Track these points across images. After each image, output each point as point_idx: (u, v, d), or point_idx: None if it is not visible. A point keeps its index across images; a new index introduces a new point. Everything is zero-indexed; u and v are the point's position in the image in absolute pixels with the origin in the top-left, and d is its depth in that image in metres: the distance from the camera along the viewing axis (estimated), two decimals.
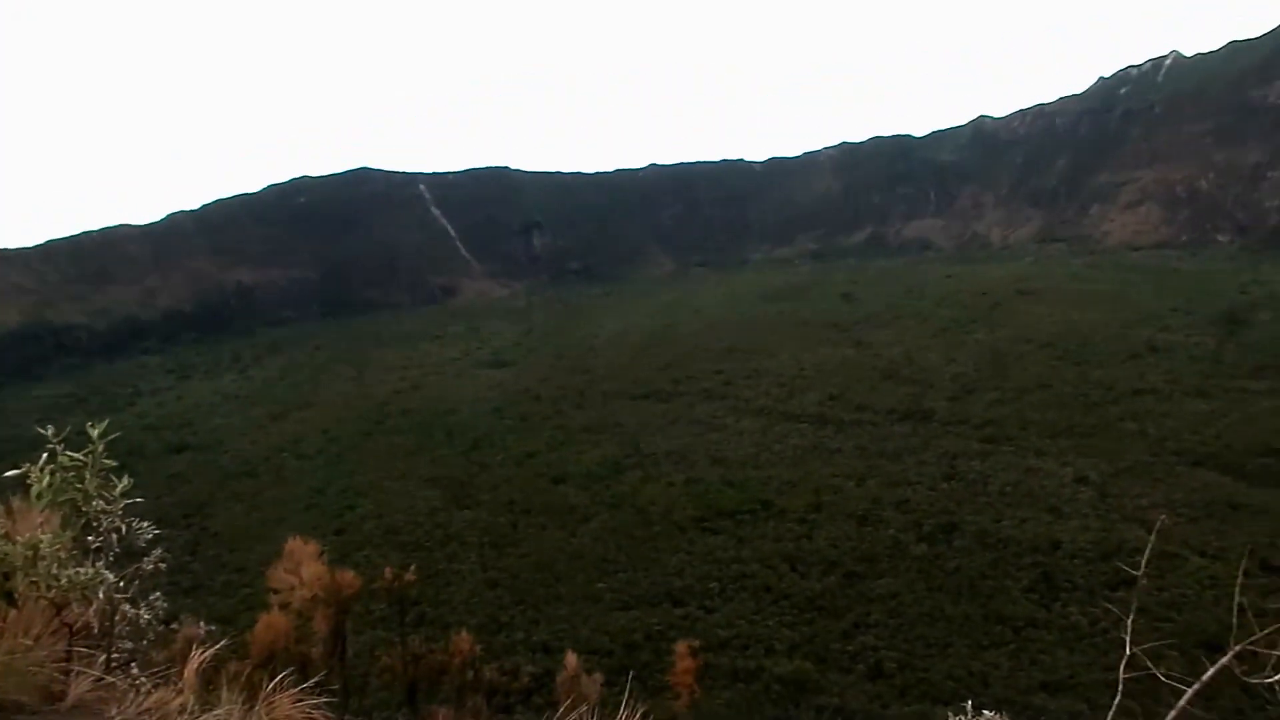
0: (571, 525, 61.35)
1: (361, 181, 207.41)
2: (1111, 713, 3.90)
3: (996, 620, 45.09)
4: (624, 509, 62.99)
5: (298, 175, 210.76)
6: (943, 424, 73.57)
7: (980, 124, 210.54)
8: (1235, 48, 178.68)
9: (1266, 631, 3.53)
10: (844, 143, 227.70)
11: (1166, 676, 3.85)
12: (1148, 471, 61.40)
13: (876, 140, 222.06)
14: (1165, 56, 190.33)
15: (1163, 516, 45.31)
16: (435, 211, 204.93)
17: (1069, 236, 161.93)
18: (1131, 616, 4.32)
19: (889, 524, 56.57)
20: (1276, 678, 3.59)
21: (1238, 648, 3.60)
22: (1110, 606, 39.45)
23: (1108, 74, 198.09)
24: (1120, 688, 3.87)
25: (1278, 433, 64.76)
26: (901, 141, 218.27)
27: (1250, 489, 57.02)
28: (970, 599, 47.24)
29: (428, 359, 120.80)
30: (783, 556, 53.61)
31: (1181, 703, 3.65)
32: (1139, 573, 5.01)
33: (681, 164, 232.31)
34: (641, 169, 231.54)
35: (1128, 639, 4.12)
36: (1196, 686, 3.65)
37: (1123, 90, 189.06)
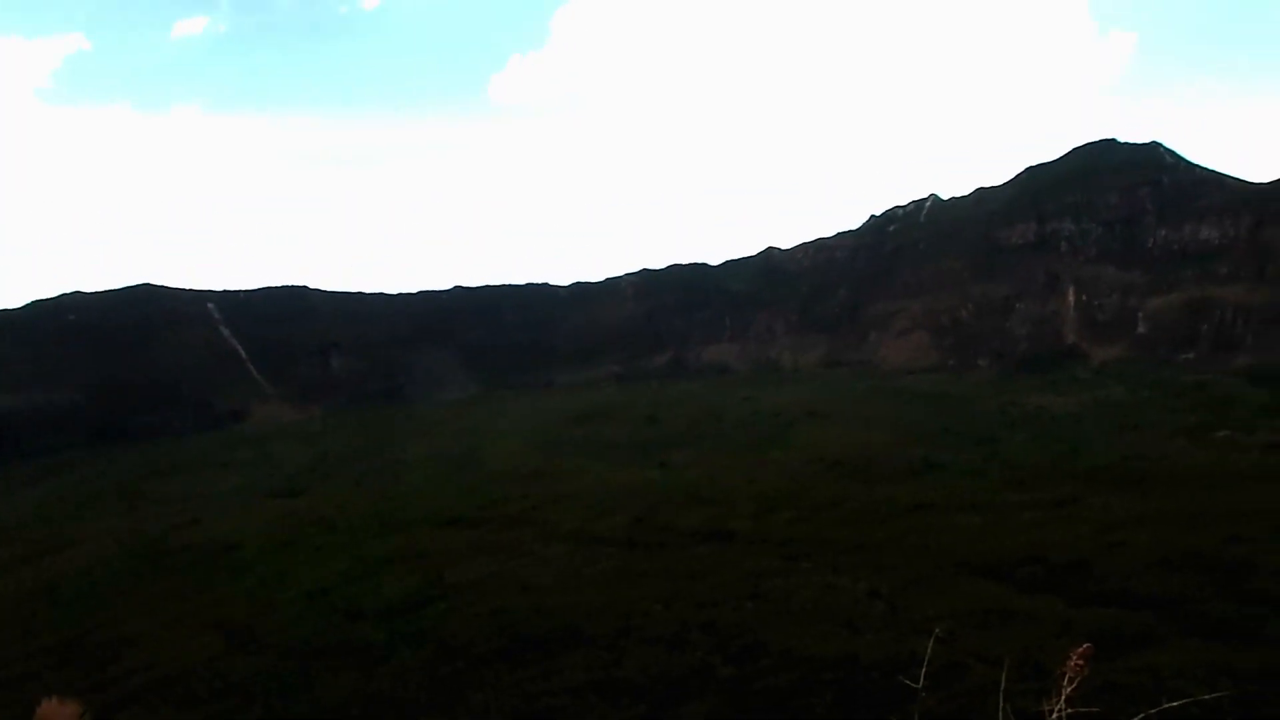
0: (369, 666, 57.66)
1: (143, 299, 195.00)
2: None
3: None
4: (427, 644, 59.99)
5: (69, 290, 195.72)
6: (746, 543, 75.49)
7: (769, 254, 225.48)
8: (982, 193, 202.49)
9: None
10: (644, 269, 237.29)
11: None
12: (932, 583, 65.09)
13: (675, 267, 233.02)
14: (926, 199, 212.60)
15: (938, 631, 47.89)
16: (224, 331, 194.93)
17: (852, 361, 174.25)
18: None
19: (697, 646, 56.70)
20: None
21: None
22: None
23: (878, 212, 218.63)
24: None
25: (1037, 543, 70.88)
26: (698, 269, 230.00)
27: (1019, 595, 61.55)
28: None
29: (211, 488, 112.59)
30: (591, 686, 52.40)
31: None
32: (919, 685, 5.35)
33: (486, 286, 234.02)
34: (445, 290, 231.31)
35: None
36: None
37: (891, 228, 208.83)
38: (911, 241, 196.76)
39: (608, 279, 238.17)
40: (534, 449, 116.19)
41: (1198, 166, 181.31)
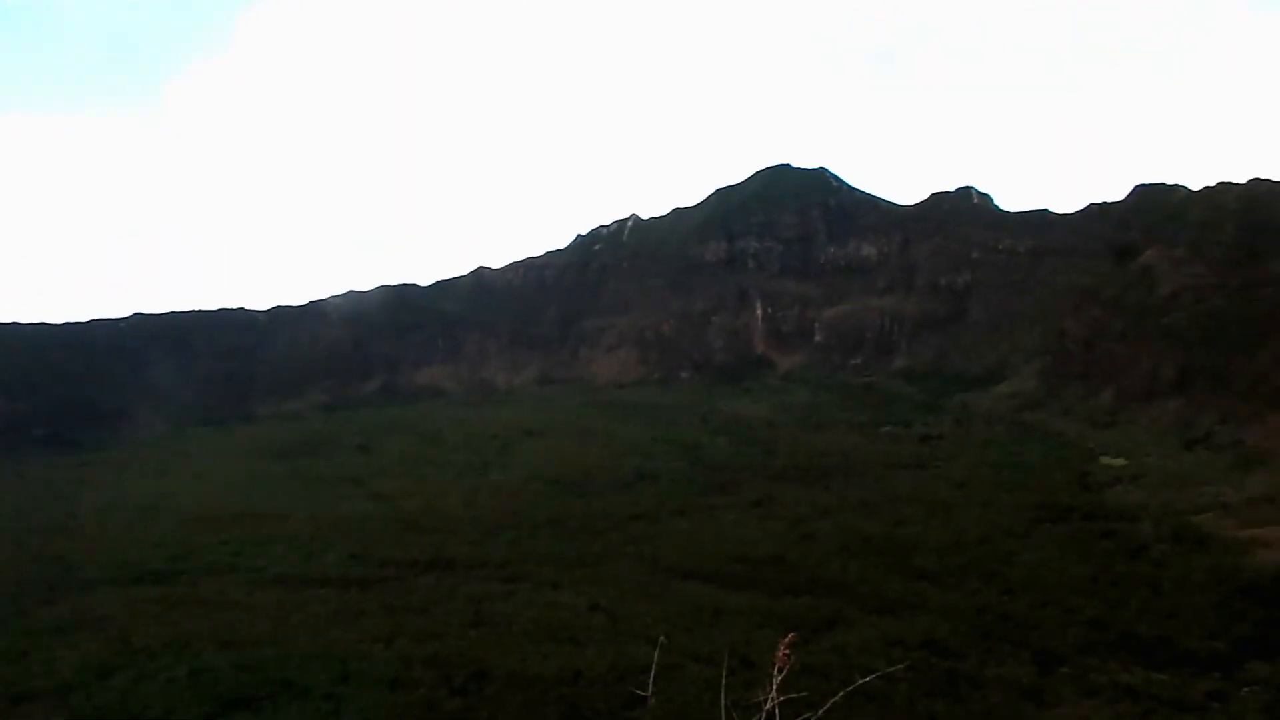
0: None
1: None
2: None
3: None
4: None
5: None
6: (466, 569, 74.73)
7: (480, 274, 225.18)
8: (679, 213, 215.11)
9: None
10: (350, 291, 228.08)
11: None
12: (648, 590, 68.15)
13: (383, 289, 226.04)
14: (627, 219, 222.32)
15: (662, 639, 50.54)
16: None
17: (565, 378, 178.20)
18: None
19: (421, 683, 55.33)
20: None
21: None
22: None
23: (584, 232, 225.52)
24: None
25: (741, 542, 76.57)
26: (407, 290, 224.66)
27: (727, 593, 66.08)
28: None
29: None
30: None
31: None
32: (648, 692, 5.93)
33: (172, 313, 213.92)
34: (124, 319, 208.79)
35: None
36: None
37: (596, 246, 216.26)
38: (616, 260, 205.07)
39: (311, 302, 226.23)
40: (233, 490, 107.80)
41: (857, 190, 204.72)
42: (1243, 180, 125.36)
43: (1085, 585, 63.33)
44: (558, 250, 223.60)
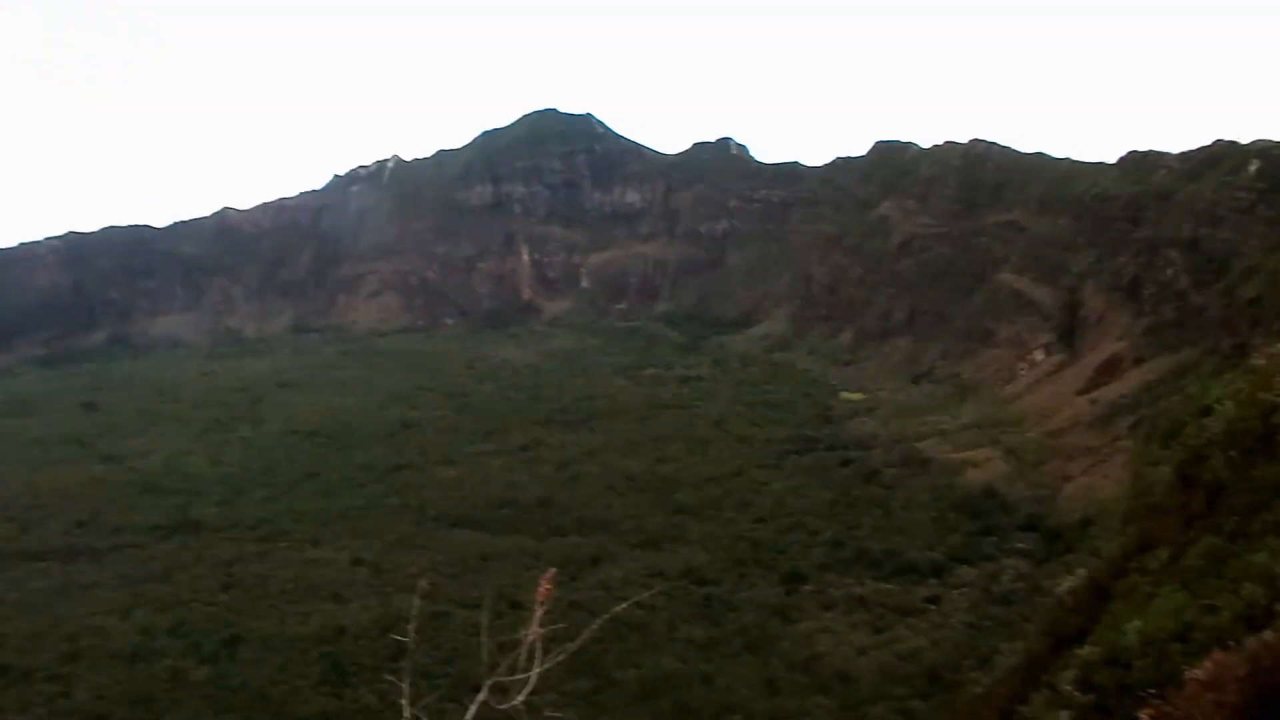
0: None
1: None
2: None
3: None
4: None
5: None
6: (214, 531, 70.08)
7: (224, 216, 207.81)
8: (443, 155, 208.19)
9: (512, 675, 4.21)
10: (71, 233, 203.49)
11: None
12: (414, 541, 66.91)
13: (110, 230, 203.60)
14: (388, 160, 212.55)
15: (423, 581, 49.68)
16: None
17: (321, 326, 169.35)
18: (408, 680, 4.87)
19: (164, 654, 51.60)
20: (519, 700, 4.33)
21: (490, 682, 4.29)
22: (391, 678, 41.86)
23: (341, 172, 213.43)
24: None
25: (509, 486, 76.71)
26: (140, 232, 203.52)
27: (495, 538, 66.15)
28: (263, 710, 45.66)
29: None
30: None
31: None
32: (409, 638, 5.65)
33: None
34: None
35: (405, 703, 4.60)
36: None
37: (355, 188, 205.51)
38: (376, 202, 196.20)
39: (22, 244, 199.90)
40: None
41: (622, 137, 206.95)
42: (965, 140, 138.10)
43: (827, 509, 68.84)
44: (312, 191, 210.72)
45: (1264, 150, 75.38)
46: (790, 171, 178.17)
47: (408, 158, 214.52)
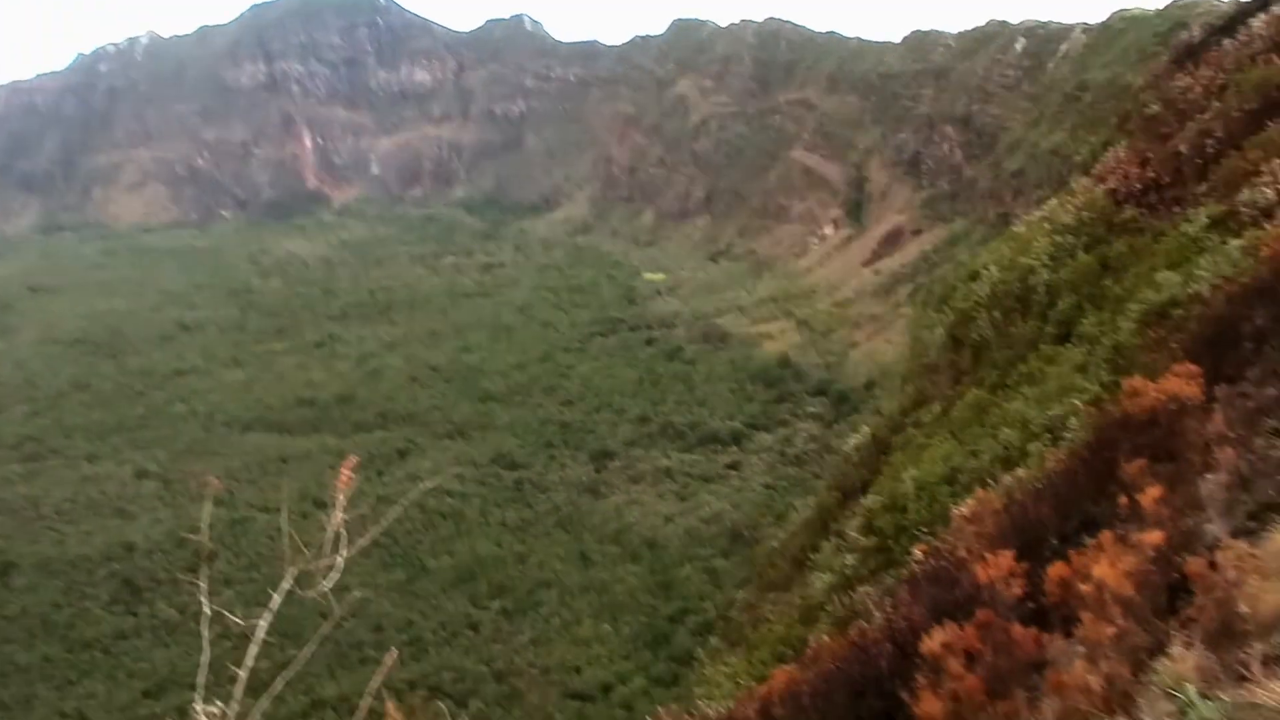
0: None
1: None
2: (202, 677, 4.09)
3: (83, 648, 41.85)
4: None
5: None
6: None
7: None
8: (206, 31, 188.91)
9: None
10: None
11: (244, 619, 4.24)
12: (205, 447, 63.35)
13: None
14: (141, 36, 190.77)
15: (213, 479, 47.24)
16: None
17: (75, 224, 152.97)
18: (206, 588, 4.68)
19: None
20: (326, 586, 4.22)
21: (294, 570, 4.14)
22: (191, 581, 40.04)
23: (86, 51, 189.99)
24: (206, 651, 4.26)
25: (305, 385, 73.53)
26: None
27: (293, 439, 63.65)
28: (47, 637, 42.74)
29: None
30: None
31: (259, 635, 4.18)
32: (202, 538, 5.23)
33: None
34: None
35: (204, 599, 4.62)
36: (266, 619, 4.18)
37: (104, 68, 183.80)
38: (130, 83, 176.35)
39: None
40: None
41: (407, 11, 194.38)
42: (760, 18, 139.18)
43: (632, 388, 70.50)
44: (52, 73, 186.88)
45: (1030, 29, 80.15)
46: (588, 50, 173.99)
47: (165, 35, 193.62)
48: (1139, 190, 25.74)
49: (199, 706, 4.11)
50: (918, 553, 16.79)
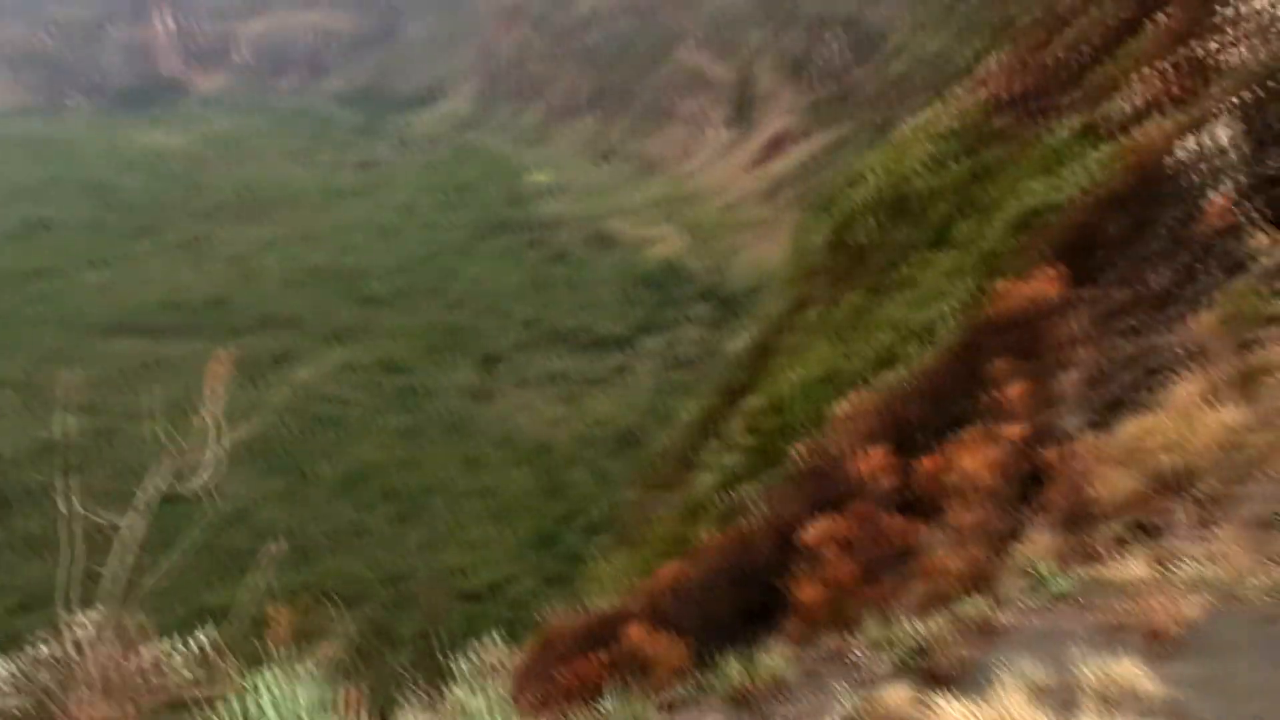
0: None
1: None
2: (62, 583, 4.12)
3: None
4: None
5: None
6: None
7: None
8: None
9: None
10: None
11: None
12: (65, 355, 59.87)
13: None
14: None
15: (73, 383, 45.03)
16: None
17: None
18: (63, 489, 4.62)
19: None
20: (201, 481, 4.24)
21: (167, 468, 4.17)
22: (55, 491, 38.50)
23: None
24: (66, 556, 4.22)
25: (173, 288, 70.03)
26: None
27: (162, 344, 60.91)
28: None
29: None
30: None
31: (127, 538, 4.33)
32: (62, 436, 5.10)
33: None
34: None
35: (60, 502, 4.53)
36: (135, 519, 4.27)
37: None
38: None
39: None
40: None
41: None
42: None
43: (519, 291, 69.83)
44: None
45: None
46: None
47: None
48: (1012, 98, 26.55)
49: (65, 616, 4.02)
50: (798, 450, 17.53)
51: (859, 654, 4.19)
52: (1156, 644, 2.80)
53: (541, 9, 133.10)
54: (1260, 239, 7.81)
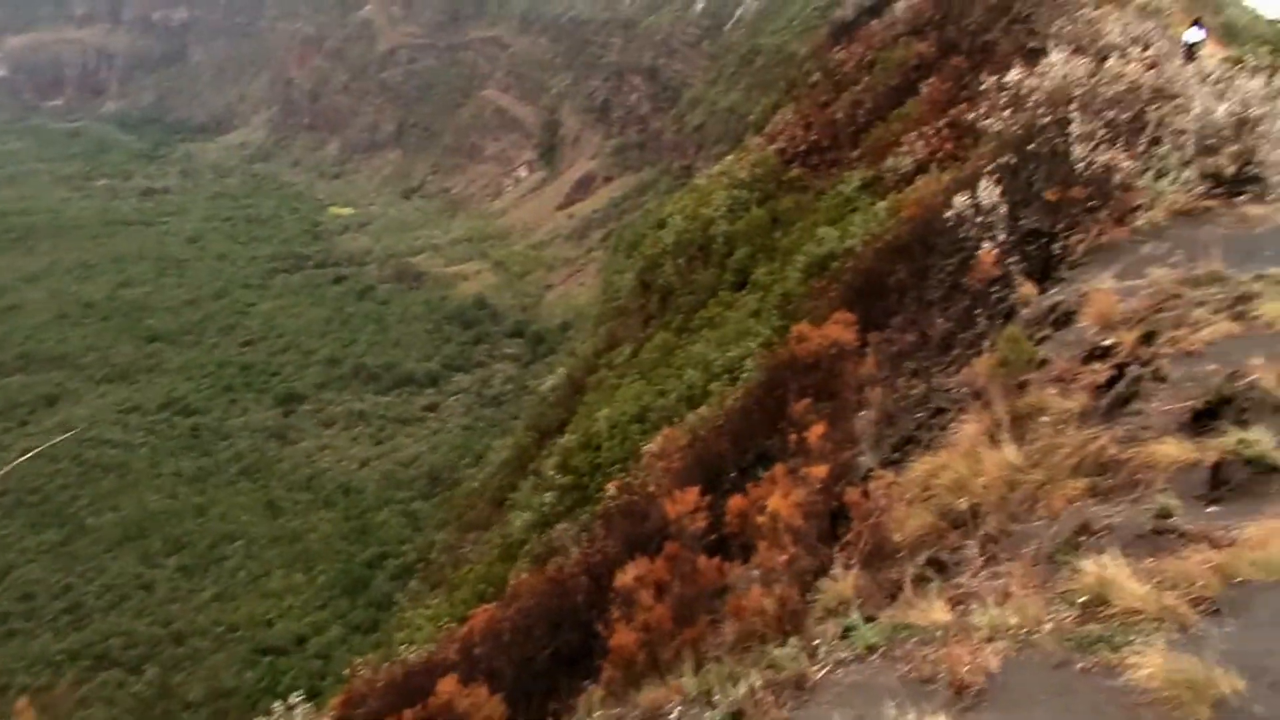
0: None
1: None
2: None
3: None
4: None
5: None
6: None
7: None
8: None
9: None
10: None
11: None
12: None
13: None
14: None
15: None
16: None
17: None
18: None
19: None
20: None
21: None
22: None
23: None
24: None
25: None
26: None
27: None
28: None
29: None
30: None
31: None
32: None
33: None
34: None
35: None
36: None
37: None
38: None
39: None
40: None
41: None
42: None
43: (321, 327, 66.98)
44: None
45: None
46: None
47: None
48: (803, 151, 28.34)
49: None
50: (611, 489, 17.69)
51: (675, 715, 4.21)
52: (961, 696, 3.01)
53: (339, 42, 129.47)
54: (1027, 288, 8.68)
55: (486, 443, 48.58)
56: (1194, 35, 14.76)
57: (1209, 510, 3.96)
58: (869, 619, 3.65)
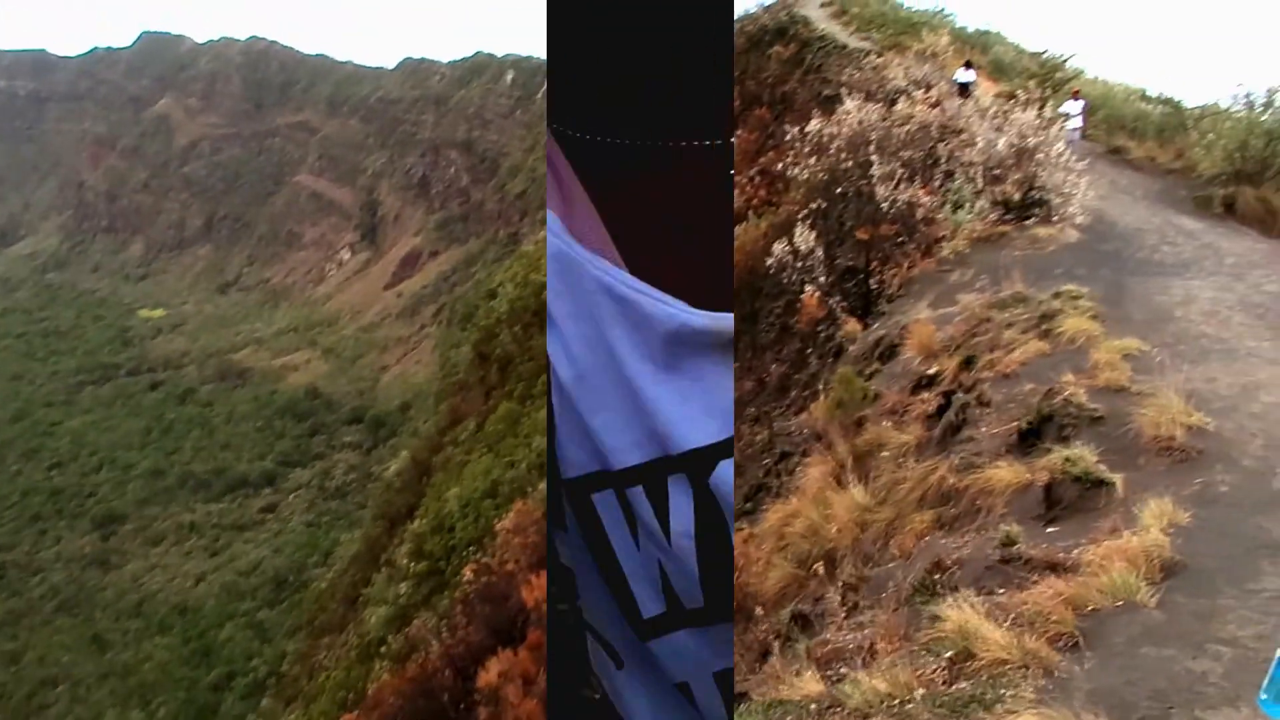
0: None
1: None
2: None
3: None
4: None
5: None
6: None
7: None
8: None
9: None
10: None
11: None
12: None
13: None
14: None
15: None
16: None
17: None
18: None
19: None
20: None
21: None
22: None
23: None
24: None
25: None
26: None
27: None
28: None
29: None
30: None
31: None
32: None
33: None
34: None
35: None
36: None
37: None
38: None
39: None
40: None
41: None
42: (243, 36, 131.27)
43: (139, 439, 62.51)
44: None
45: (516, 62, 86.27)
46: (39, 60, 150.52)
47: None
48: None
49: None
50: (468, 573, 17.03)
51: None
52: None
53: (134, 139, 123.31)
54: (851, 325, 8.98)
55: (334, 538, 46.29)
56: (965, 76, 15.97)
57: (1049, 530, 4.09)
58: (741, 696, 3.51)
